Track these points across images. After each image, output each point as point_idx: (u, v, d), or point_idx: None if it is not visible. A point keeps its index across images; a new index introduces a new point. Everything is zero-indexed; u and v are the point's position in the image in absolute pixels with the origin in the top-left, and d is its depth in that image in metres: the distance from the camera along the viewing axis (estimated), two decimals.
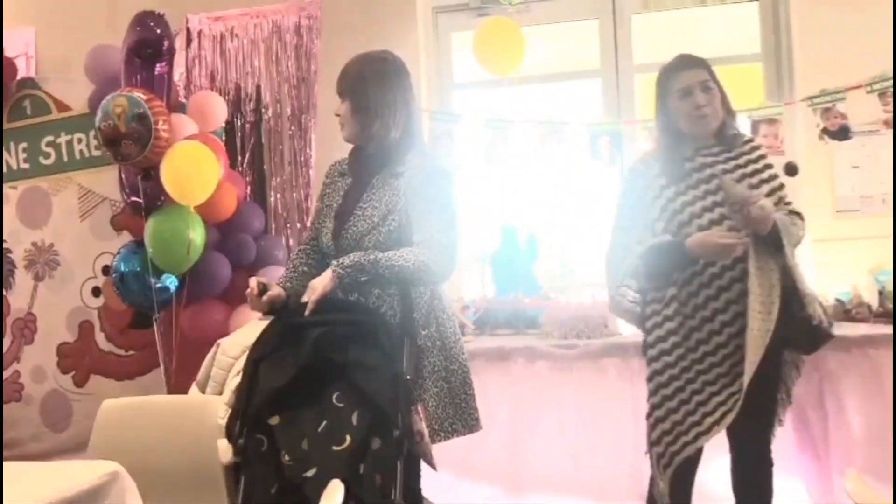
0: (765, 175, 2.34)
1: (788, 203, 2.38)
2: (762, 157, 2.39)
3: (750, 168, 2.33)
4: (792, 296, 2.26)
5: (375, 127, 2.16)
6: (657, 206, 2.32)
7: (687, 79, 2.33)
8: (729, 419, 2.21)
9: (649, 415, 2.35)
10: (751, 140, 2.45)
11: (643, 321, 2.41)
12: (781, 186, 2.37)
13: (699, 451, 2.32)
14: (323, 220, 2.25)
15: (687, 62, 2.39)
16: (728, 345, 2.23)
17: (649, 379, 2.35)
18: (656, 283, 2.34)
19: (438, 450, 2.14)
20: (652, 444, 2.33)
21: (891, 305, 3.21)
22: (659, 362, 2.32)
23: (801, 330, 2.28)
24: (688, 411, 2.25)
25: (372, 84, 2.16)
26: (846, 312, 3.29)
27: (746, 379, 2.16)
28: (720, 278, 2.24)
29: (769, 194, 2.30)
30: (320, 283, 2.01)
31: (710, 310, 2.24)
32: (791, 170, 2.41)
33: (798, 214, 2.36)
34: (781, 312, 2.21)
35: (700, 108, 2.30)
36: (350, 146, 2.29)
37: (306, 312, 2.00)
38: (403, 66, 2.24)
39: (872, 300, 3.31)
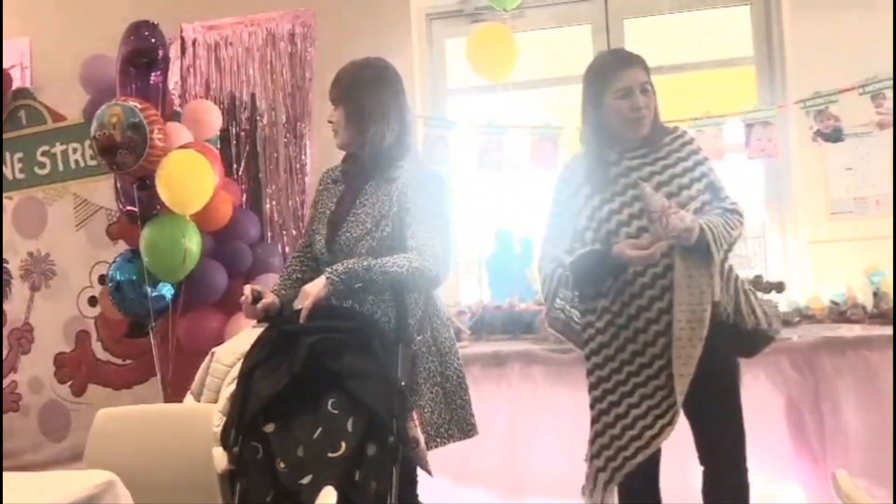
0: (696, 173, 2.21)
1: (724, 199, 2.24)
2: (693, 152, 2.25)
3: (679, 167, 2.21)
4: (735, 303, 2.18)
5: (370, 133, 2.16)
6: (584, 215, 2.21)
7: (627, 78, 2.19)
8: (668, 432, 2.12)
9: (591, 427, 2.27)
10: (680, 135, 2.29)
11: (580, 334, 2.32)
12: (715, 183, 2.24)
13: (655, 466, 2.24)
14: (316, 227, 2.26)
15: (626, 60, 2.24)
16: (662, 356, 2.13)
17: (589, 392, 2.28)
18: (586, 293, 2.26)
19: (435, 455, 2.14)
20: (592, 456, 2.24)
21: (885, 306, 3.21)
22: (593, 376, 2.24)
23: (737, 335, 2.19)
24: (625, 426, 2.16)
25: (365, 91, 2.17)
26: (841, 314, 3.29)
27: (679, 391, 2.08)
28: (651, 288, 2.14)
29: (702, 192, 2.19)
30: (313, 289, 2.01)
31: (643, 320, 2.15)
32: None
33: (735, 212, 2.21)
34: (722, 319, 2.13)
35: (639, 110, 2.19)
36: (343, 153, 2.29)
37: (301, 318, 2.00)
38: (396, 73, 2.25)
39: (867, 301, 3.32)
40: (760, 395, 2.94)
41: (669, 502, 2.34)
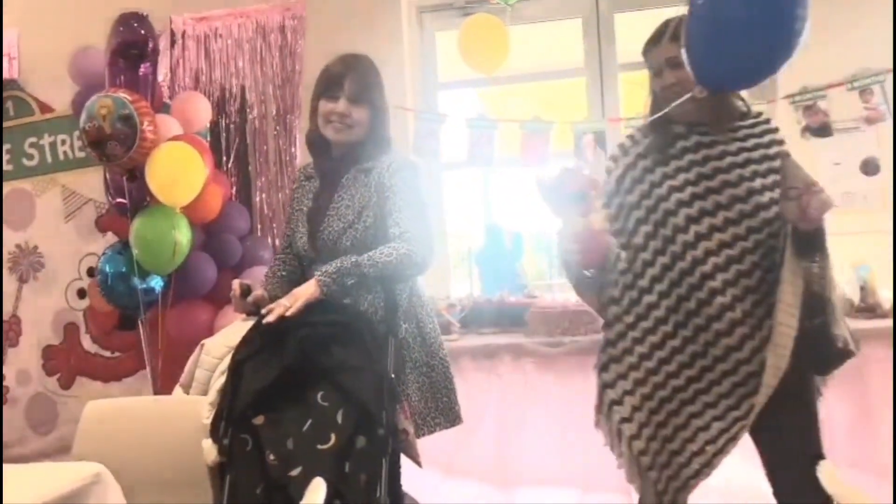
0: (776, 163, 1.95)
1: None
2: (774, 142, 2.01)
3: (758, 153, 1.97)
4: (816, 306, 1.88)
5: (386, 128, 2.20)
6: (638, 190, 2.01)
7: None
8: (730, 448, 1.89)
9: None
10: (758, 117, 2.06)
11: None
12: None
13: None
14: (296, 225, 2.26)
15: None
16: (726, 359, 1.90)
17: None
18: None
19: (425, 447, 2.14)
20: (645, 468, 1.98)
21: (871, 300, 3.24)
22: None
23: (817, 347, 1.92)
24: (685, 438, 1.95)
25: (378, 90, 2.21)
26: None
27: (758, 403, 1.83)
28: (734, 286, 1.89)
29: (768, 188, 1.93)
30: (304, 293, 2.00)
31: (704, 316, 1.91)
32: (869, 168, 1.97)
33: None
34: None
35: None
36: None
37: (288, 313, 1.99)
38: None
39: (854, 295, 3.34)
40: None
41: None
